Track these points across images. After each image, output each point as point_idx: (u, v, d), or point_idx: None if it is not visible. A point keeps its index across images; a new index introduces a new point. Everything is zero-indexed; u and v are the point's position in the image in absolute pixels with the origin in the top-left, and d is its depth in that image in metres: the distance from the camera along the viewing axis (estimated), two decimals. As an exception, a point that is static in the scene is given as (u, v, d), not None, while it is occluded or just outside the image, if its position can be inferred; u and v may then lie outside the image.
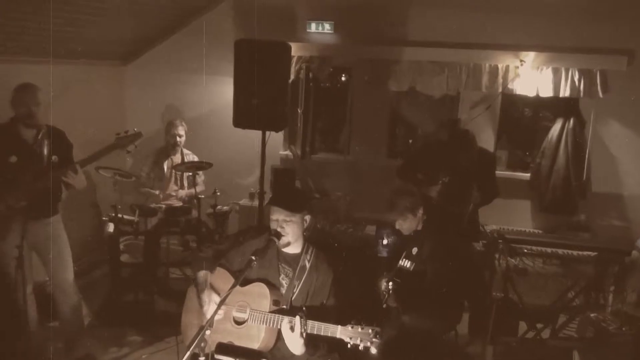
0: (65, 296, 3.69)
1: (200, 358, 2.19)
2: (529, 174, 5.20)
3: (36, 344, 3.62)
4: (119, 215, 4.34)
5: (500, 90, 4.94)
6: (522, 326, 4.08)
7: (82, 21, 4.30)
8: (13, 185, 3.32)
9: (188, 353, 2.10)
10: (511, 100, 5.28)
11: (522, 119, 5.62)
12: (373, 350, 2.30)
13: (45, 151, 3.48)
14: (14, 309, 3.45)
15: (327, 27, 5.17)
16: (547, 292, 4.29)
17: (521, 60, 4.80)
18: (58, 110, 3.57)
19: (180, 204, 4.90)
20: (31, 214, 3.37)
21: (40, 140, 3.45)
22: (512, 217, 5.05)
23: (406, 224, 3.30)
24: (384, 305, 3.09)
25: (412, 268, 3.16)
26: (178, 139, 4.90)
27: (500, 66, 4.91)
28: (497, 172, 4.52)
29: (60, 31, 4.25)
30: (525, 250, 4.18)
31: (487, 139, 5.07)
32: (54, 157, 3.50)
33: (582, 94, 4.74)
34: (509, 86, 4.91)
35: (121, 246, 4.64)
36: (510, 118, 5.43)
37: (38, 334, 3.69)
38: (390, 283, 3.06)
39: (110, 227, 4.43)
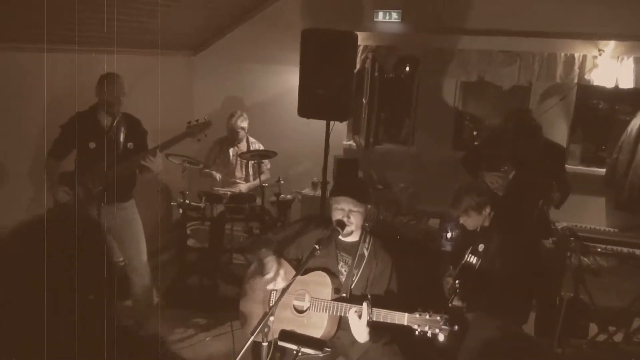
0: (139, 277, 3.85)
1: (263, 344, 2.23)
2: (604, 170, 4.94)
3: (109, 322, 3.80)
4: (187, 201, 4.47)
5: (576, 81, 4.71)
6: (593, 329, 3.91)
7: (155, 12, 4.43)
8: (91, 171, 3.47)
9: (251, 339, 2.14)
10: (587, 92, 5.02)
11: (598, 111, 5.34)
12: (441, 338, 2.27)
13: (122, 138, 3.62)
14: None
15: (395, 16, 5.09)
16: (622, 294, 4.07)
17: (600, 50, 4.56)
18: (130, 99, 3.69)
19: (245, 191, 4.98)
20: (108, 199, 3.53)
21: (117, 127, 3.58)
22: (585, 214, 4.82)
23: (471, 221, 3.20)
24: (450, 305, 3.03)
25: (478, 264, 3.07)
26: (239, 130, 4.97)
27: (577, 56, 4.68)
28: (570, 166, 4.32)
29: (134, 22, 4.41)
30: (599, 250, 3.98)
31: (560, 132, 4.85)
32: (129, 144, 3.65)
33: (666, 85, 4.46)
34: (586, 77, 4.67)
35: (188, 231, 4.79)
36: (585, 110, 5.16)
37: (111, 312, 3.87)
38: (457, 282, 2.99)
39: (179, 213, 4.57)
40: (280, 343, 2.29)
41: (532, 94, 5.05)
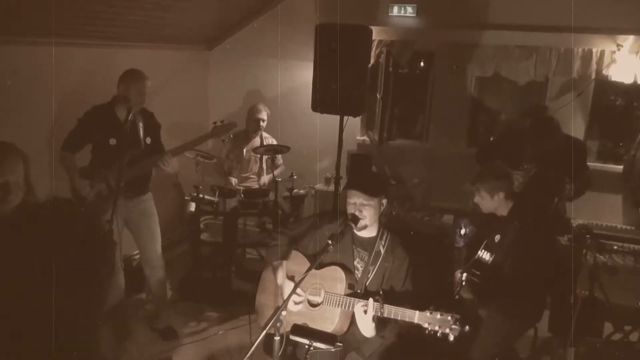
0: (153, 270, 3.88)
1: (275, 338, 2.24)
2: (621, 167, 4.87)
3: (123, 314, 3.85)
4: (200, 195, 4.50)
5: (593, 76, 4.65)
6: (608, 328, 3.86)
7: (170, 6, 4.45)
8: (113, 167, 3.47)
9: (264, 332, 2.15)
10: (605, 88, 4.95)
11: (616, 107, 5.26)
12: (451, 338, 2.26)
13: (141, 133, 3.62)
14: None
15: (410, 10, 5.05)
16: (638, 292, 4.02)
17: (618, 45, 4.49)
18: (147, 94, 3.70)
19: (258, 186, 5.00)
20: (126, 193, 3.55)
21: (133, 121, 3.59)
22: (601, 212, 4.76)
23: (484, 202, 3.17)
24: (456, 297, 3.01)
25: (490, 259, 3.05)
26: (261, 123, 4.97)
27: (594, 51, 4.61)
28: (587, 163, 4.27)
29: (149, 16, 4.43)
30: (616, 247, 3.93)
31: (577, 128, 4.79)
32: (147, 139, 3.66)
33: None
34: (603, 72, 4.60)
35: (201, 225, 4.81)
36: (602, 106, 5.09)
37: (125, 305, 3.91)
38: (465, 275, 2.97)
39: (192, 207, 4.60)
40: (292, 337, 2.29)
41: (549, 89, 4.98)
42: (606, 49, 4.58)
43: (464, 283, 2.97)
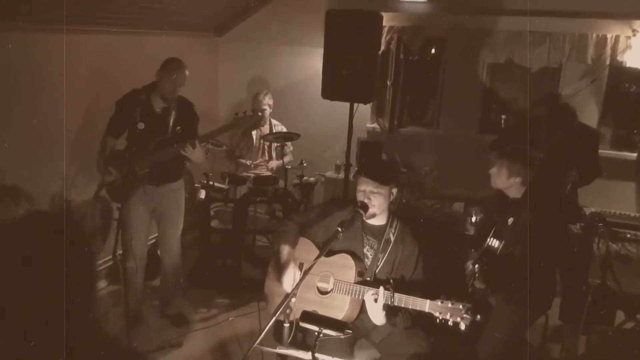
0: (171, 257, 3.89)
1: (284, 324, 2.25)
2: (635, 154, 4.81)
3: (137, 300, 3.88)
4: (210, 183, 4.50)
5: (608, 62, 4.57)
6: (620, 316, 3.84)
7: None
8: (139, 153, 3.47)
9: (273, 319, 2.15)
10: (620, 74, 4.86)
11: (630, 94, 5.18)
12: (462, 327, 2.26)
13: (171, 121, 3.60)
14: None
15: (421, -5, 5.00)
16: (651, 282, 3.99)
17: (634, 30, 4.41)
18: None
19: (268, 173, 5.00)
20: (155, 180, 3.55)
21: (168, 109, 3.57)
22: (614, 200, 4.70)
23: (497, 178, 3.14)
24: (470, 289, 3.00)
25: (500, 247, 3.03)
26: (265, 107, 4.95)
27: (609, 36, 4.53)
28: (600, 150, 4.22)
29: (159, 3, 4.41)
30: (629, 236, 3.89)
31: (590, 115, 4.72)
32: (178, 128, 3.64)
33: None
34: (618, 58, 4.53)
35: (211, 212, 4.83)
36: (617, 93, 5.01)
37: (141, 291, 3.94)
38: (477, 266, 2.95)
39: (202, 194, 4.61)
40: (302, 324, 2.29)
41: (563, 75, 4.92)
42: (621, 34, 4.50)
43: (477, 275, 2.94)
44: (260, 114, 4.80)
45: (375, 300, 2.44)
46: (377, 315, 2.48)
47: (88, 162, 3.73)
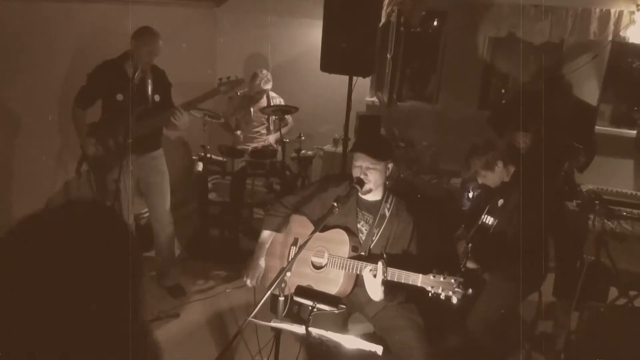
0: (162, 226, 3.91)
1: (280, 298, 2.27)
2: (635, 132, 4.78)
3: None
4: (208, 155, 4.49)
5: (610, 38, 4.52)
6: (613, 292, 3.87)
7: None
8: (120, 123, 3.46)
9: (267, 294, 2.17)
10: (622, 50, 4.81)
11: (632, 70, 5.13)
12: (454, 300, 2.28)
13: (149, 90, 3.60)
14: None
15: (423, -34, 4.90)
16: (646, 259, 4.01)
17: (638, 5, 4.34)
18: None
19: (273, 142, 4.97)
20: (136, 150, 3.54)
21: (142, 77, 3.56)
22: (612, 177, 4.70)
23: (488, 179, 3.14)
24: (462, 269, 3.01)
25: (493, 225, 3.04)
26: (262, 92, 4.91)
27: (612, 11, 4.47)
28: (599, 127, 4.19)
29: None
30: (625, 214, 3.89)
31: (591, 91, 4.69)
32: (156, 96, 3.63)
33: None
34: (621, 34, 4.48)
35: (209, 185, 4.82)
36: (618, 69, 4.96)
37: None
38: (470, 245, 2.96)
39: (199, 166, 4.60)
40: (296, 298, 2.31)
41: (564, 50, 4.86)
42: (625, 9, 4.43)
43: (470, 255, 2.95)
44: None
45: (374, 276, 2.46)
46: (375, 291, 2.49)
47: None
